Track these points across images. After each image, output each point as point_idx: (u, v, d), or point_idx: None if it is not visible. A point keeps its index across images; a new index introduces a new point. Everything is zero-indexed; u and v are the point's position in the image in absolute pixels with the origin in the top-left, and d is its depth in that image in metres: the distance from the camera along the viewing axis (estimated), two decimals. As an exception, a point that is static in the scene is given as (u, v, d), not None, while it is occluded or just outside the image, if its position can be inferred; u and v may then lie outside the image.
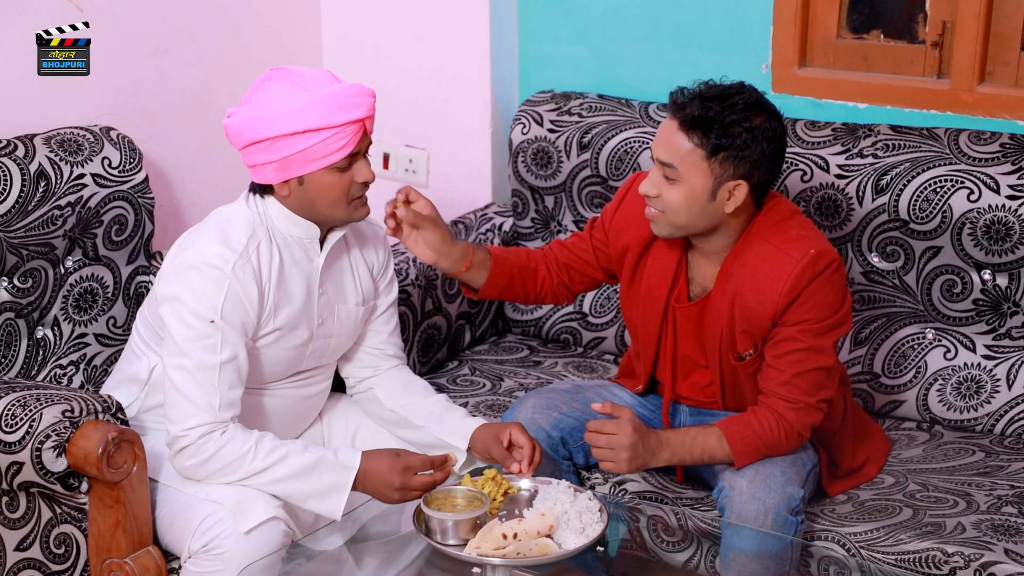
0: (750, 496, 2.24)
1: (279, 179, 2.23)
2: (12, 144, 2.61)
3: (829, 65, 2.99)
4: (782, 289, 2.23)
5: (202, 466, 2.22)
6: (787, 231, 2.28)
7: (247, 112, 2.21)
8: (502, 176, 3.39)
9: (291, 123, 2.17)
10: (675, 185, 2.22)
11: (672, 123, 2.22)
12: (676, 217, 2.24)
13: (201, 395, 2.20)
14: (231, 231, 2.25)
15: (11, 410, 2.20)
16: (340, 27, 3.45)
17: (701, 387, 2.45)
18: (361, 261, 2.45)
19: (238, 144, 2.24)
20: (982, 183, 2.68)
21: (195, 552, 2.22)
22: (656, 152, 2.24)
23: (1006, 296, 2.72)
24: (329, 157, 2.20)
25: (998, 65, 2.82)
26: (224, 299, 2.20)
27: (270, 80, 2.22)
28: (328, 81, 2.22)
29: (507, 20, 3.29)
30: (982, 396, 2.74)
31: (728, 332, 2.32)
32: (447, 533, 2.15)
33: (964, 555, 2.27)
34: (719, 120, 2.17)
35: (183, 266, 2.22)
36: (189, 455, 2.21)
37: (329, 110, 2.17)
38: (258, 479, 2.22)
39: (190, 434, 2.20)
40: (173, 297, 2.22)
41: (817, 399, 2.28)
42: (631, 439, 2.20)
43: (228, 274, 2.21)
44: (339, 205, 2.26)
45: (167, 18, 3.02)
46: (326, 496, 2.23)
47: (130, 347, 2.46)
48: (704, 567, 2.32)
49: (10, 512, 2.25)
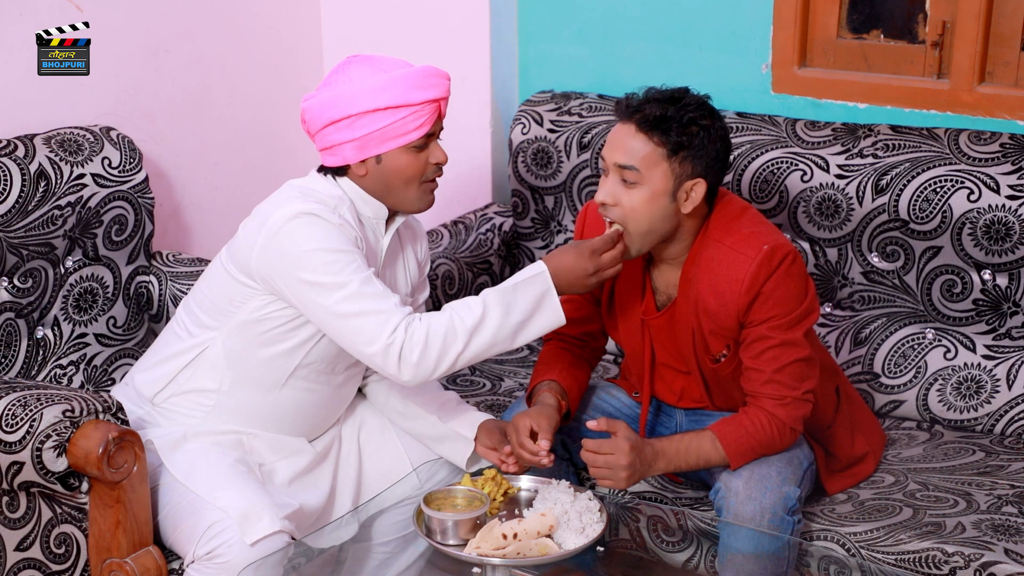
0: (746, 497, 2.24)
1: (357, 158, 2.25)
2: (12, 144, 2.61)
3: (829, 65, 2.99)
4: (740, 288, 2.25)
5: (425, 354, 2.15)
6: (739, 229, 2.29)
7: (328, 93, 2.24)
8: (502, 176, 3.39)
9: (373, 100, 2.21)
10: (635, 188, 2.23)
11: (627, 126, 2.24)
12: (638, 223, 2.24)
13: (380, 303, 2.17)
14: (314, 195, 2.25)
15: (11, 410, 2.20)
16: (340, 27, 3.45)
17: (688, 393, 2.46)
18: (411, 252, 2.47)
19: (317, 125, 2.25)
20: (982, 183, 2.68)
21: (199, 558, 2.21)
22: (613, 157, 2.24)
23: (1006, 296, 2.72)
24: (407, 136, 2.23)
25: (998, 65, 2.82)
26: (342, 235, 2.19)
27: (349, 64, 2.27)
28: (405, 64, 2.27)
29: (507, 20, 3.29)
30: (982, 396, 2.74)
31: (699, 336, 2.33)
32: (447, 533, 2.15)
33: (964, 555, 2.27)
34: (677, 119, 2.21)
35: (281, 222, 2.19)
36: (408, 351, 2.15)
37: (409, 88, 2.22)
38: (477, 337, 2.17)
39: (396, 337, 2.15)
40: (294, 251, 2.18)
41: (802, 391, 2.29)
42: (628, 458, 2.21)
43: (332, 220, 2.20)
44: (412, 185, 2.28)
45: (167, 18, 3.02)
46: (541, 309, 2.21)
47: (172, 331, 2.41)
48: (704, 567, 2.32)
49: (10, 512, 2.25)
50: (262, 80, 3.30)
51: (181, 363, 2.36)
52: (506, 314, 2.19)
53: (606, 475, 2.22)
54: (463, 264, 3.10)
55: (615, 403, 2.55)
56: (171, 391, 2.38)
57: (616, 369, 3.01)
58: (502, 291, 2.21)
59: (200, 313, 2.35)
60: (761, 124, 2.93)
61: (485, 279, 3.17)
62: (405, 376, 2.17)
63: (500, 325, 2.19)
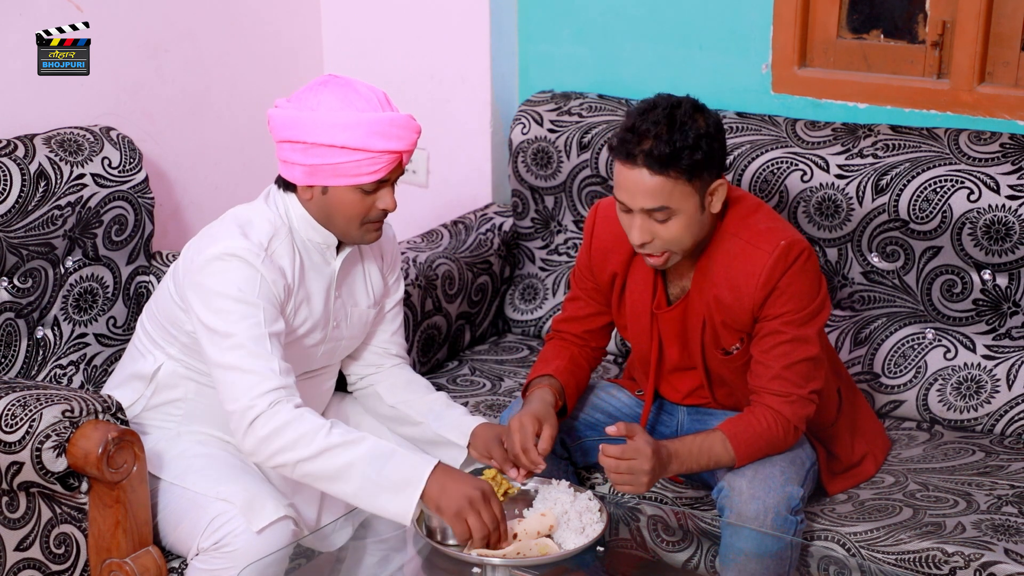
0: (750, 496, 2.24)
1: (305, 182, 2.24)
2: (12, 144, 2.61)
3: (829, 65, 2.99)
4: (756, 282, 2.25)
5: (276, 436, 2.12)
6: (755, 224, 2.30)
7: (292, 111, 2.21)
8: (502, 176, 3.39)
9: (331, 135, 2.17)
10: (670, 221, 2.21)
11: (638, 171, 2.17)
12: (680, 244, 2.25)
13: (260, 364, 2.15)
14: (251, 230, 2.25)
15: (11, 410, 2.20)
16: (340, 27, 3.45)
17: (692, 389, 2.46)
18: (373, 262, 2.46)
19: (276, 136, 2.25)
20: (982, 183, 2.67)
21: (204, 549, 2.22)
22: (637, 203, 2.20)
23: (1006, 296, 2.72)
24: (358, 177, 2.21)
25: (998, 65, 2.82)
26: (258, 285, 2.20)
27: (324, 86, 2.22)
28: (379, 105, 2.21)
29: (507, 20, 3.29)
30: (982, 396, 2.74)
31: (710, 329, 2.34)
32: (447, 533, 2.15)
33: (964, 555, 2.27)
34: (684, 146, 2.16)
35: (209, 259, 2.20)
36: (262, 424, 2.13)
37: (371, 134, 2.18)
38: (330, 458, 2.11)
39: (258, 402, 2.13)
40: (206, 290, 2.19)
41: (808, 390, 2.29)
42: (651, 463, 2.19)
43: (257, 266, 2.20)
44: (353, 224, 2.27)
45: (167, 18, 3.02)
46: (398, 491, 2.09)
47: (134, 346, 2.45)
48: (704, 567, 2.32)
49: (10, 512, 2.25)
50: (262, 80, 3.30)
51: (145, 380, 2.39)
52: (372, 461, 2.10)
53: (628, 480, 2.20)
54: (463, 264, 3.10)
55: (615, 403, 2.55)
56: (141, 406, 2.41)
57: (616, 369, 3.01)
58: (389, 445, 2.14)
59: (152, 331, 2.39)
60: (761, 124, 2.93)
61: (485, 279, 3.17)
62: (244, 445, 2.16)
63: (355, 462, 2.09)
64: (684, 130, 2.17)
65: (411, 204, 3.36)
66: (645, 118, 2.19)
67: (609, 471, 2.20)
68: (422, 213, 3.40)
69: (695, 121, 2.19)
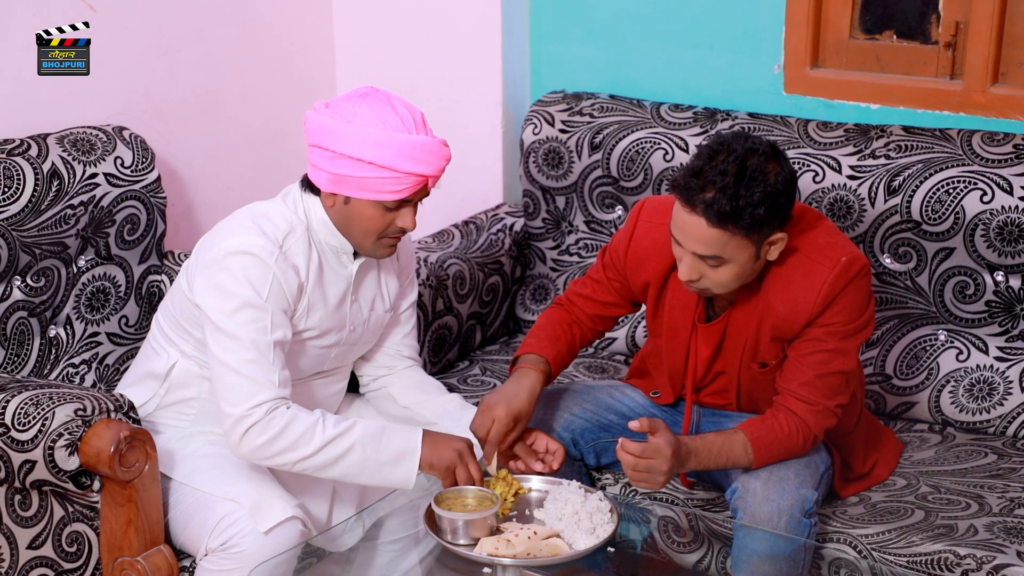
0: (764, 498, 2.23)
1: (329, 189, 2.25)
2: (25, 144, 2.61)
3: (841, 66, 2.98)
4: (816, 298, 2.23)
5: (273, 442, 2.18)
6: (815, 239, 2.27)
7: (327, 118, 2.22)
8: (513, 176, 3.39)
9: (360, 150, 2.18)
10: (721, 267, 2.18)
11: (697, 219, 2.11)
12: (726, 288, 2.23)
13: (260, 373, 2.18)
14: (267, 224, 2.25)
15: (24, 409, 2.20)
16: (352, 28, 3.46)
17: (717, 391, 2.45)
18: (390, 268, 2.47)
19: (309, 139, 2.26)
20: (995, 184, 2.67)
21: (212, 550, 2.22)
22: (690, 247, 2.16)
23: (1019, 298, 2.71)
24: (381, 194, 2.22)
25: (1012, 66, 2.81)
26: (270, 286, 2.21)
27: (364, 99, 2.23)
28: (413, 127, 2.22)
29: (518, 21, 3.29)
30: (995, 398, 2.73)
31: (752, 343, 2.32)
32: (458, 533, 2.15)
33: (976, 557, 2.26)
34: (747, 203, 2.09)
35: (222, 254, 2.21)
36: (258, 432, 2.17)
37: (399, 155, 2.18)
38: (329, 450, 2.19)
39: (255, 412, 2.17)
40: (216, 286, 2.20)
41: (835, 403, 2.28)
42: (669, 463, 2.18)
43: (271, 265, 2.21)
44: (370, 237, 2.28)
45: (178, 18, 3.03)
46: (398, 462, 2.22)
47: (148, 344, 2.46)
48: (715, 568, 2.32)
49: (22, 510, 2.25)
50: (274, 80, 3.31)
51: (159, 379, 2.39)
52: (367, 442, 2.21)
53: (644, 478, 2.19)
54: (474, 264, 3.10)
55: (630, 403, 2.54)
56: (154, 405, 2.41)
57: (626, 368, 3.01)
58: (379, 423, 2.25)
59: (167, 328, 2.39)
60: (773, 125, 2.92)
61: (496, 279, 3.17)
62: (240, 451, 2.20)
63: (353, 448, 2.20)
64: (751, 185, 2.09)
65: (422, 204, 3.36)
66: (714, 164, 2.11)
67: (627, 467, 2.20)
68: (433, 213, 3.40)
69: (765, 175, 2.10)
